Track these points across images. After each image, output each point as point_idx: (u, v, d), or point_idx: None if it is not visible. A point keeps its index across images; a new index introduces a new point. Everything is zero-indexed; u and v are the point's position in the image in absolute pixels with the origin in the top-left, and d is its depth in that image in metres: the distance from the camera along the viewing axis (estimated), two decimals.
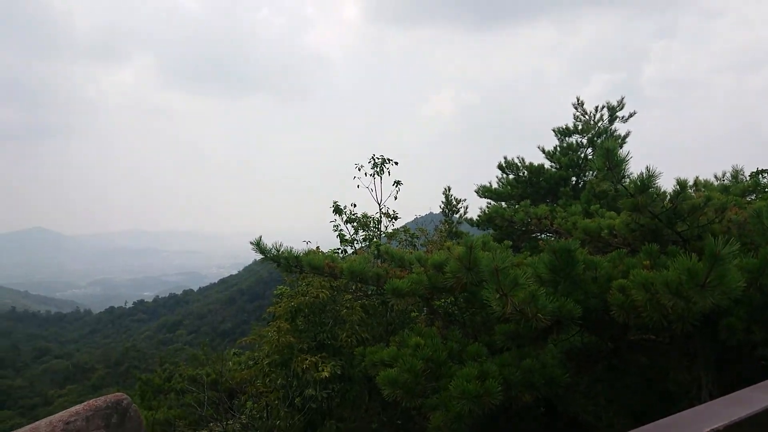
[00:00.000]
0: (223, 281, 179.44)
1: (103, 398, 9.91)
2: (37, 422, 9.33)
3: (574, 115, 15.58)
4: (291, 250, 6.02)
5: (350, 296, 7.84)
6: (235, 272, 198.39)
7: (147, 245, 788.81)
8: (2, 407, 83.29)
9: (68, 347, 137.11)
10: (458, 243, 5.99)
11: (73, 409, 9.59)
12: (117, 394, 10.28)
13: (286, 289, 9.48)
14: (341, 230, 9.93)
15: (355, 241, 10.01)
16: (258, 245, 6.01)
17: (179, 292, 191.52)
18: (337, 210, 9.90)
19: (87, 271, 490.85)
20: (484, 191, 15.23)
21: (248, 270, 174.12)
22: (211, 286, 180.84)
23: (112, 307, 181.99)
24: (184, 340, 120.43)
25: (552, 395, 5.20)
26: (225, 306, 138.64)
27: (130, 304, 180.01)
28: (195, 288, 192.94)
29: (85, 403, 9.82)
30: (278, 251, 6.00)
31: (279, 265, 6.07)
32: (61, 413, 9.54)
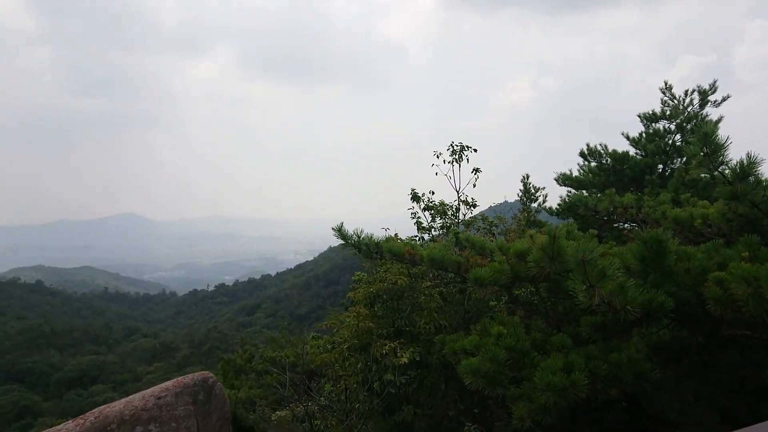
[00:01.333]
0: (299, 267, 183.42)
1: (190, 376, 10.41)
2: (131, 396, 9.91)
3: (662, 100, 14.85)
4: (371, 237, 6.09)
5: (428, 283, 7.86)
6: (310, 258, 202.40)
7: (227, 231, 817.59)
8: (96, 381, 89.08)
9: (155, 327, 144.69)
10: (539, 232, 5.87)
11: (163, 385, 10.13)
12: (203, 372, 10.77)
13: (363, 276, 9.61)
14: (419, 218, 9.95)
15: (432, 229, 10.01)
16: (339, 232, 6.12)
17: (257, 276, 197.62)
18: (415, 197, 9.91)
19: (172, 255, 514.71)
20: (564, 179, 14.83)
21: (323, 256, 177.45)
22: (288, 272, 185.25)
23: (195, 290, 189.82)
24: (262, 323, 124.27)
25: (637, 390, 5.03)
26: (301, 291, 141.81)
27: (211, 288, 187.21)
28: (272, 273, 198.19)
29: (174, 380, 10.34)
30: (359, 238, 6.09)
31: (360, 251, 6.15)
32: (152, 389, 10.10)
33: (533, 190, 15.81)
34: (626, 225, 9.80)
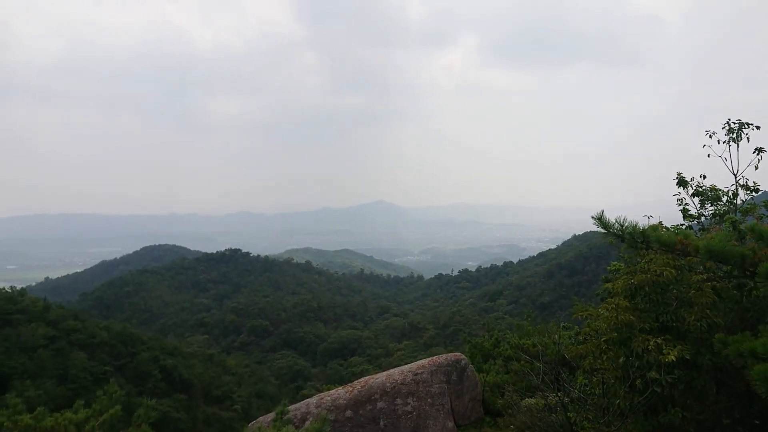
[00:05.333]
0: (541, 254, 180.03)
1: (444, 356, 10.92)
2: (391, 370, 10.75)
3: None
4: (636, 225, 5.68)
5: (700, 276, 7.08)
6: (553, 246, 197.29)
7: (470, 217, 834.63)
8: (354, 353, 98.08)
9: (404, 307, 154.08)
10: None
11: (420, 362, 10.79)
12: (455, 353, 11.21)
13: (621, 266, 9.04)
14: (686, 204, 9.02)
15: (702, 216, 9.01)
16: (600, 220, 5.81)
17: (499, 263, 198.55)
18: (682, 182, 9.00)
19: (420, 241, 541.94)
20: None
21: (567, 244, 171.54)
22: (530, 259, 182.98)
23: (440, 274, 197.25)
24: (503, 309, 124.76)
25: None
26: (543, 279, 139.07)
27: (455, 272, 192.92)
28: (514, 260, 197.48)
29: (430, 358, 10.96)
30: (622, 226, 5.72)
31: (623, 240, 5.78)
32: (410, 365, 10.83)
33: None
34: None
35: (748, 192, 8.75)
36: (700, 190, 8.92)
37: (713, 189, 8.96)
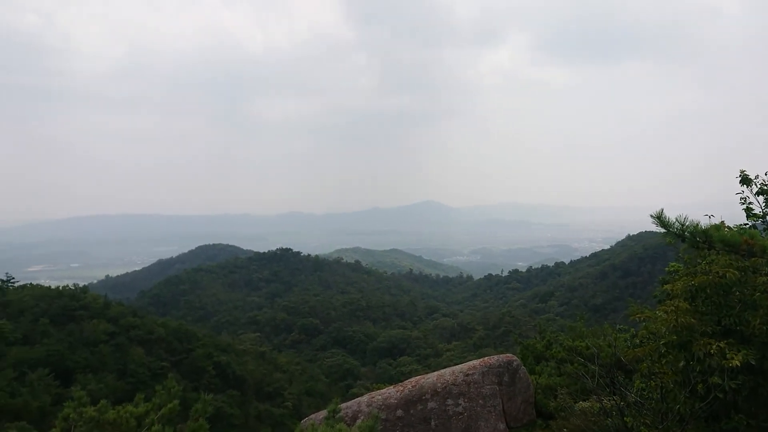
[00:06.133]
0: (594, 255, 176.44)
1: (495, 357, 10.82)
2: (442, 370, 10.72)
3: None
4: (697, 225, 5.47)
5: (765, 278, 6.78)
6: (606, 247, 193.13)
7: (520, 217, 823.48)
8: (403, 353, 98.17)
9: (453, 308, 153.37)
10: None
11: (471, 363, 10.72)
12: (507, 355, 11.09)
13: (680, 267, 8.76)
14: (749, 203, 8.67)
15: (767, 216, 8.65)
16: (660, 219, 5.61)
17: (550, 263, 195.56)
18: (745, 180, 8.64)
19: (469, 241, 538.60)
20: None
21: (621, 245, 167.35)
22: (582, 260, 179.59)
23: (490, 275, 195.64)
24: (555, 310, 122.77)
25: None
26: (596, 280, 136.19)
27: (505, 273, 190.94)
28: (566, 261, 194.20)
29: (481, 359, 10.88)
30: (682, 225, 5.51)
31: (683, 240, 5.58)
32: (461, 366, 10.77)
33: None
34: None
35: None
36: (765, 188, 8.56)
37: None
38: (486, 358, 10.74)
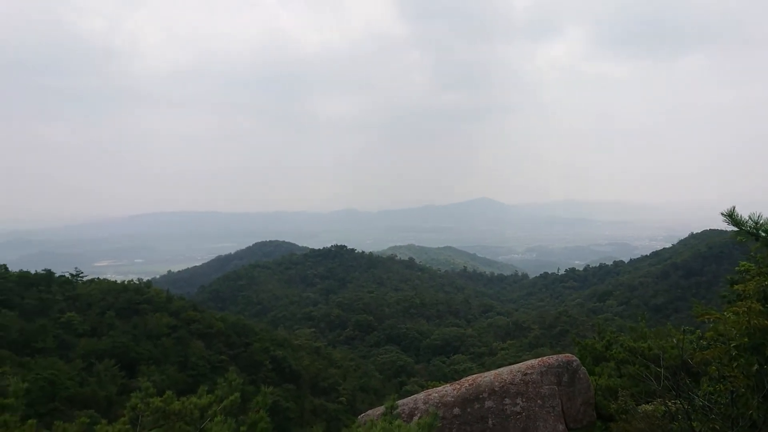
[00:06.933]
0: (655, 254, 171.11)
1: (554, 357, 10.62)
2: (500, 369, 10.60)
3: None
4: None
5: None
6: (668, 245, 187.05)
7: (578, 215, 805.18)
8: (457, 351, 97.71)
9: (508, 306, 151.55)
10: None
11: (529, 362, 10.56)
12: (566, 354, 10.87)
13: (751, 267, 8.37)
14: None
15: None
16: (731, 217, 5.37)
17: (609, 262, 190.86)
18: None
19: (524, 238, 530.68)
20: None
21: (684, 243, 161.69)
22: (642, 259, 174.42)
23: (545, 273, 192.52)
24: (613, 310, 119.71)
25: None
26: (657, 280, 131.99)
27: (562, 272, 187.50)
28: (625, 259, 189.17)
29: (539, 359, 10.69)
30: (756, 223, 5.26)
31: (757, 239, 5.33)
32: (518, 365, 10.63)
33: None
34: None
35: None
36: None
37: None
38: (544, 357, 10.56)
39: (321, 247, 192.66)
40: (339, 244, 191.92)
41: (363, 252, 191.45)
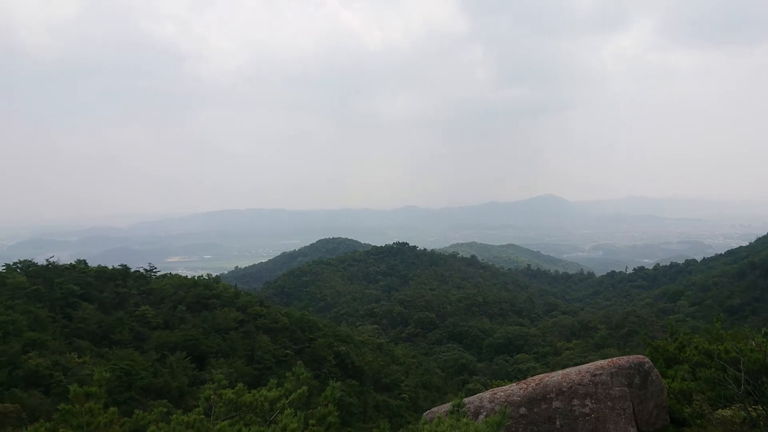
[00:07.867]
0: (730, 252, 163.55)
1: (625, 358, 10.35)
2: (568, 369, 10.41)
3: None
4: None
5: None
6: (744, 243, 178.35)
7: (647, 212, 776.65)
8: (520, 350, 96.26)
9: (573, 305, 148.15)
10: None
11: (598, 363, 10.32)
12: (638, 356, 10.57)
13: None
14: None
15: None
16: None
17: (680, 260, 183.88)
18: None
19: (590, 236, 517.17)
20: None
21: (763, 241, 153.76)
22: (717, 257, 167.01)
23: (613, 272, 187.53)
24: (685, 311, 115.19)
25: None
26: (733, 279, 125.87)
27: (630, 270, 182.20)
28: (698, 258, 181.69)
29: (609, 360, 10.44)
30: None
31: None
32: (587, 365, 10.40)
33: None
34: None
35: None
36: None
37: None
38: (615, 358, 10.31)
39: (383, 245, 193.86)
40: (401, 242, 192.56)
41: (425, 249, 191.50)
